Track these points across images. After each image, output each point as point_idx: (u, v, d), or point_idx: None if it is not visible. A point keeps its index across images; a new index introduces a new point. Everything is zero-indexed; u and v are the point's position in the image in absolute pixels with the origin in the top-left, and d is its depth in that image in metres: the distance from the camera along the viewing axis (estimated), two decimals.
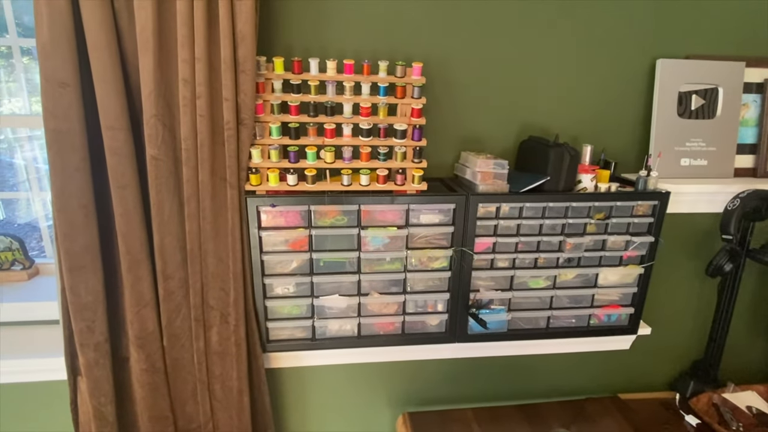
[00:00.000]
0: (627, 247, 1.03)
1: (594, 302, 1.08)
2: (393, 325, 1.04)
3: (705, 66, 1.07)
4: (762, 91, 1.12)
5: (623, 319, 1.11)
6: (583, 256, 1.03)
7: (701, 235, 1.15)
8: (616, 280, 1.07)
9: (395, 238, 0.96)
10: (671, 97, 1.06)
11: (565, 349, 1.15)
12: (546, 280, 1.05)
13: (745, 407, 1.12)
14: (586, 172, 0.99)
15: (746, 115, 1.13)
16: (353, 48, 0.95)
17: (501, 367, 1.19)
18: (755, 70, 1.10)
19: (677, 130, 1.08)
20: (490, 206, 0.96)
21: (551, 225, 0.99)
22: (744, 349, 1.26)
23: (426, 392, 1.19)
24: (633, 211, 1.01)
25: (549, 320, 1.08)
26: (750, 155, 1.14)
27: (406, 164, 0.92)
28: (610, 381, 1.24)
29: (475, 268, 1.00)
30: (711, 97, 1.09)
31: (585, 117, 1.07)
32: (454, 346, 1.07)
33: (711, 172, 1.10)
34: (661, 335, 1.19)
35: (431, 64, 0.97)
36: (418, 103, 0.91)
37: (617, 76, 1.05)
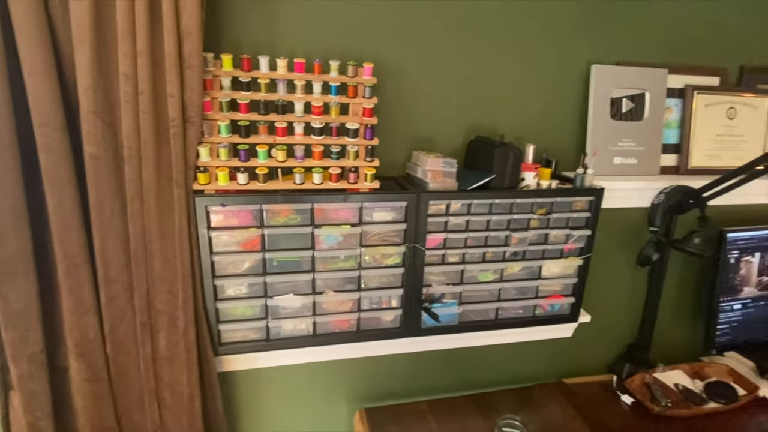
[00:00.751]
0: (567, 241, 1.10)
1: (539, 293, 1.14)
2: (348, 322, 1.05)
3: (633, 72, 1.16)
4: (682, 95, 1.23)
5: (565, 308, 1.18)
6: (527, 250, 1.08)
7: (632, 228, 1.25)
8: (558, 272, 1.14)
9: (349, 236, 0.98)
10: (604, 100, 1.15)
11: (513, 338, 1.21)
12: (494, 274, 1.09)
13: (673, 385, 1.23)
14: (529, 170, 1.05)
15: (670, 118, 1.24)
16: (304, 47, 0.95)
17: (454, 359, 1.22)
18: (676, 76, 1.21)
19: (610, 131, 1.16)
20: (440, 203, 0.99)
21: (498, 221, 1.04)
22: (671, 332, 1.38)
23: (382, 387, 1.20)
24: (572, 207, 1.08)
25: (498, 312, 1.13)
26: (674, 154, 1.25)
27: (359, 163, 0.94)
28: (555, 367, 1.31)
29: (427, 263, 1.03)
30: (639, 101, 1.18)
31: (528, 118, 1.13)
32: (409, 340, 1.10)
33: (640, 170, 1.20)
34: (600, 322, 1.28)
35: (382, 64, 0.99)
36: (369, 102, 0.93)
37: (557, 80, 1.12)
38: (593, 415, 1.12)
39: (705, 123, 1.24)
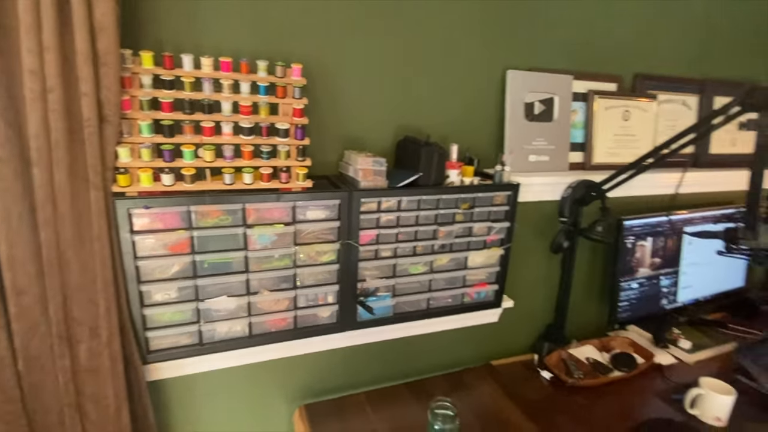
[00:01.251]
0: (489, 233, 1.19)
1: (466, 282, 1.22)
2: (285, 320, 1.06)
3: (543, 78, 1.27)
4: (586, 99, 1.37)
5: (490, 295, 1.28)
6: (454, 242, 1.16)
7: (546, 219, 1.37)
8: (482, 262, 1.23)
9: (283, 235, 0.98)
10: (519, 103, 1.25)
11: (444, 326, 1.29)
12: (424, 266, 1.16)
13: (585, 358, 1.38)
14: (453, 168, 1.12)
15: (576, 119, 1.38)
16: (231, 47, 0.94)
17: (389, 350, 1.27)
18: (580, 82, 1.35)
19: (525, 131, 1.27)
20: (372, 201, 1.03)
21: (426, 216, 1.10)
22: (582, 311, 1.54)
23: (321, 383, 1.22)
24: (492, 201, 1.17)
25: (429, 302, 1.20)
26: (580, 152, 1.40)
27: (291, 162, 0.95)
28: (483, 351, 1.41)
29: (361, 259, 1.07)
30: (549, 104, 1.30)
31: (452, 119, 1.20)
32: (346, 334, 1.13)
33: (552, 167, 1.33)
34: (521, 306, 1.40)
35: (312, 66, 1.01)
36: (299, 103, 0.94)
37: (477, 84, 1.20)
38: (517, 392, 1.22)
39: (605, 124, 1.40)
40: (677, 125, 1.53)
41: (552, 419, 1.12)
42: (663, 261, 1.50)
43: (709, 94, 1.54)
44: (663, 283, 1.52)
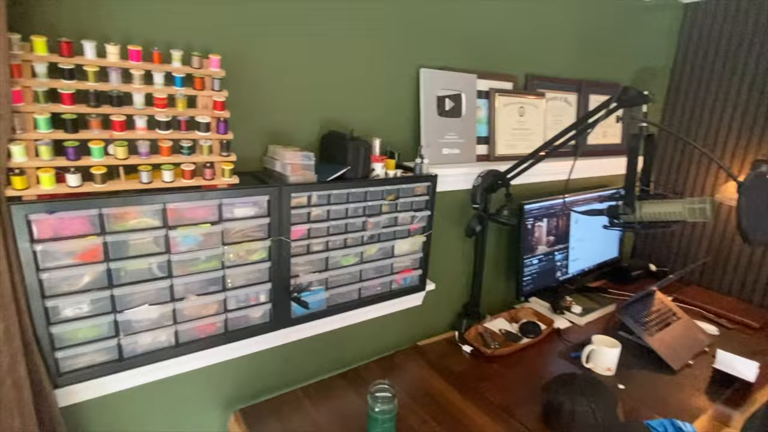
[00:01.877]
0: (412, 221, 1.27)
1: (393, 270, 1.28)
2: (215, 325, 1.01)
3: (452, 76, 1.38)
4: (488, 97, 1.52)
5: (415, 280, 1.35)
6: (381, 232, 1.21)
7: (460, 207, 1.49)
8: (408, 249, 1.29)
9: (209, 235, 0.94)
10: (432, 100, 1.34)
11: (375, 314, 1.33)
12: (355, 257, 1.19)
13: (498, 330, 1.53)
14: (377, 161, 1.16)
15: (480, 115, 1.51)
16: (142, 35, 0.87)
17: (325, 342, 1.29)
18: (483, 81, 1.49)
19: (438, 126, 1.37)
20: (302, 195, 1.03)
21: (355, 208, 1.14)
22: (494, 288, 1.70)
23: (257, 384, 1.19)
24: (414, 192, 1.24)
25: (360, 291, 1.23)
26: (485, 145, 1.54)
27: (214, 158, 0.91)
28: (410, 333, 1.48)
29: (293, 255, 1.07)
30: (457, 101, 1.41)
31: (373, 115, 1.24)
32: (280, 333, 1.12)
33: (462, 159, 1.44)
34: (442, 288, 1.50)
35: (232, 58, 0.97)
36: (220, 95, 0.91)
37: (395, 80, 1.26)
38: (444, 367, 1.32)
39: (504, 119, 1.56)
40: (562, 120, 1.75)
41: (476, 387, 1.23)
42: (556, 239, 1.72)
43: (585, 93, 1.79)
44: (557, 258, 1.74)
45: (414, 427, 1.07)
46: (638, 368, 1.36)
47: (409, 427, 1.07)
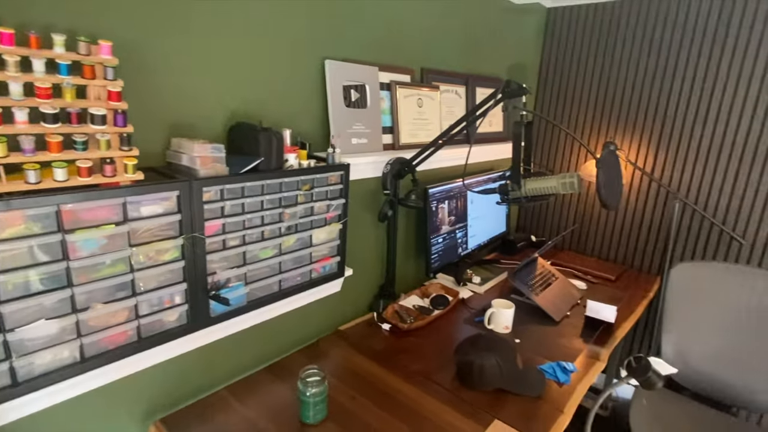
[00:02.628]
0: (328, 210, 1.30)
1: (312, 259, 1.30)
2: (126, 333, 0.94)
3: (356, 68, 1.43)
4: (389, 89, 1.60)
5: (334, 267, 1.39)
6: (298, 223, 1.22)
7: (372, 194, 1.56)
8: (325, 238, 1.33)
9: (114, 236, 0.87)
10: (338, 91, 1.38)
11: (297, 304, 1.35)
12: (273, 249, 1.19)
13: (412, 306, 1.64)
14: (290, 152, 1.17)
15: (384, 106, 1.59)
16: (12, 17, 0.76)
17: (246, 339, 1.27)
18: (384, 73, 1.56)
19: (346, 116, 1.41)
20: (214, 189, 1.00)
21: (270, 200, 1.13)
22: (406, 267, 1.82)
23: (179, 390, 1.13)
24: (328, 181, 1.28)
25: (281, 283, 1.24)
26: (389, 134, 1.62)
27: (114, 153, 0.84)
28: (332, 319, 1.52)
29: (209, 251, 1.03)
30: (362, 92, 1.47)
31: (281, 106, 1.24)
32: (199, 333, 1.08)
33: (370, 148, 1.51)
34: (359, 273, 1.57)
35: (127, 44, 0.90)
36: (114, 85, 0.84)
37: (302, 72, 1.27)
38: (366, 347, 1.39)
39: (405, 110, 1.66)
40: (454, 111, 1.92)
41: (397, 360, 1.33)
42: (456, 218, 1.90)
43: (472, 86, 1.98)
44: (458, 236, 1.92)
45: (344, 405, 1.12)
46: (529, 323, 1.58)
47: (340, 405, 1.12)
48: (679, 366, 1.78)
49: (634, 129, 2.14)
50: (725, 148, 1.91)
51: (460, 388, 1.21)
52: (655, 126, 2.08)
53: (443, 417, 1.09)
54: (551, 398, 1.18)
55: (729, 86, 1.87)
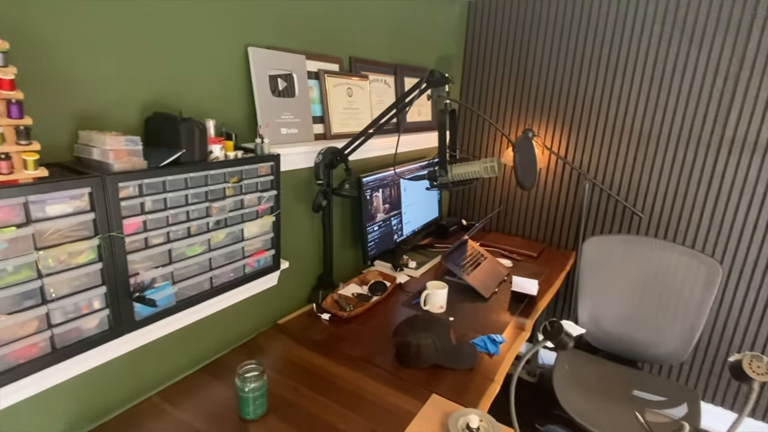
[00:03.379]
0: (260, 202, 1.27)
1: (245, 254, 1.27)
2: (37, 345, 0.86)
3: (282, 56, 1.40)
4: (318, 78, 1.59)
5: (269, 260, 1.37)
6: (228, 217, 1.18)
7: (305, 184, 1.55)
8: (257, 231, 1.30)
9: (16, 240, 0.79)
10: (264, 79, 1.34)
11: (231, 301, 1.31)
12: (202, 246, 1.14)
13: (351, 294, 1.66)
14: (215, 143, 1.13)
15: (313, 95, 1.58)
16: None
17: (180, 339, 1.21)
18: (312, 62, 1.55)
19: (273, 106, 1.38)
20: (131, 185, 0.94)
21: (196, 194, 1.08)
22: (343, 257, 1.83)
23: (105, 401, 1.06)
24: (258, 173, 1.25)
25: (212, 281, 1.19)
26: (320, 124, 1.61)
27: (10, 148, 0.76)
28: (270, 314, 1.50)
29: (130, 251, 0.97)
30: (290, 81, 1.44)
31: (204, 95, 1.18)
32: (124, 339, 1.01)
33: (301, 138, 1.49)
34: (296, 265, 1.55)
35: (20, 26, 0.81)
36: (6, 72, 0.75)
37: (226, 59, 1.22)
38: (306, 338, 1.39)
39: (335, 99, 1.66)
40: (383, 100, 1.95)
41: (337, 348, 1.34)
42: (391, 206, 1.94)
43: (401, 75, 2.02)
44: (393, 223, 1.96)
45: (285, 397, 1.12)
46: (462, 302, 1.67)
47: (281, 397, 1.12)
48: (592, 329, 1.98)
49: (548, 116, 2.31)
50: (625, 132, 2.13)
51: (399, 369, 1.26)
52: (567, 113, 2.26)
53: (384, 397, 1.13)
54: (483, 369, 1.27)
55: (627, 74, 2.08)
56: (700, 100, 1.95)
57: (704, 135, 1.97)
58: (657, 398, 1.69)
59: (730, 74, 1.87)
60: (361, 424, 1.03)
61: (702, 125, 1.96)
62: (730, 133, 1.91)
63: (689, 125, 1.99)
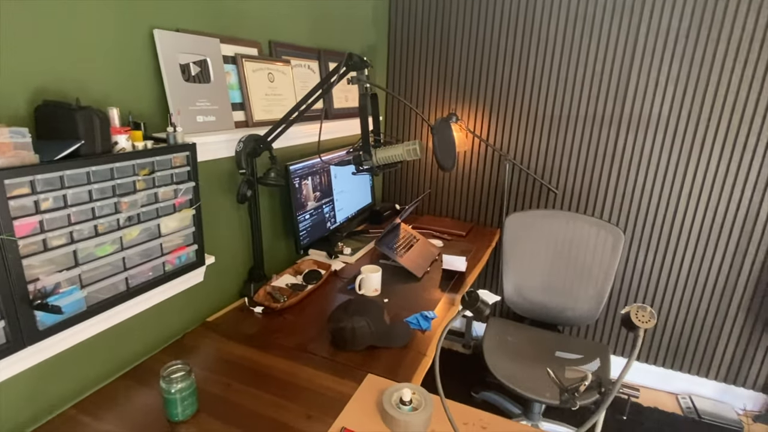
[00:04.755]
0: (176, 195, 1.20)
1: (164, 250, 1.20)
2: None
3: (193, 39, 1.32)
4: (235, 62, 1.52)
5: (192, 256, 1.30)
6: (141, 212, 1.11)
7: (228, 174, 1.49)
8: (176, 226, 1.23)
9: None
10: (174, 64, 1.26)
11: (153, 301, 1.23)
12: (113, 244, 1.06)
13: (285, 285, 1.64)
14: (121, 134, 1.05)
15: (231, 81, 1.51)
16: None
17: (96, 347, 1.12)
18: (227, 45, 1.47)
19: (186, 92, 1.30)
20: (21, 181, 0.85)
21: (101, 189, 1.00)
22: (275, 248, 1.79)
23: (11, 421, 0.96)
24: (172, 163, 1.18)
25: (128, 281, 1.12)
26: (241, 111, 1.55)
27: None
28: (198, 311, 1.44)
29: (25, 255, 0.88)
30: (204, 66, 1.37)
31: (107, 82, 1.09)
32: (27, 352, 0.92)
33: (220, 126, 1.42)
34: (224, 259, 1.50)
35: None
36: None
37: (128, 43, 1.12)
38: (239, 333, 1.35)
39: (256, 85, 1.60)
40: (308, 85, 1.91)
41: (272, 340, 1.32)
42: (322, 194, 1.92)
43: (325, 60, 1.99)
44: (325, 211, 1.95)
45: (218, 394, 1.09)
46: (396, 283, 1.71)
47: (213, 395, 1.08)
48: (517, 299, 2.12)
49: (471, 101, 2.41)
50: (539, 115, 2.28)
51: (335, 353, 1.27)
52: (487, 98, 2.37)
53: (320, 382, 1.14)
54: (416, 345, 1.31)
55: (538, 61, 2.22)
56: (601, 82, 2.13)
57: (606, 114, 2.16)
58: (575, 356, 1.86)
59: (626, 57, 2.06)
60: (297, 411, 1.03)
61: (604, 105, 2.15)
62: (627, 111, 2.12)
63: (593, 106, 2.17)
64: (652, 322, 0.72)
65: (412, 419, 0.96)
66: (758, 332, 2.14)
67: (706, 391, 2.30)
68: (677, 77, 2.00)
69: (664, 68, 2.01)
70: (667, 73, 2.01)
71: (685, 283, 2.21)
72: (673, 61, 1.99)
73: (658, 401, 2.28)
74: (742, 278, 2.11)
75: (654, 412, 2.19)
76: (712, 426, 2.11)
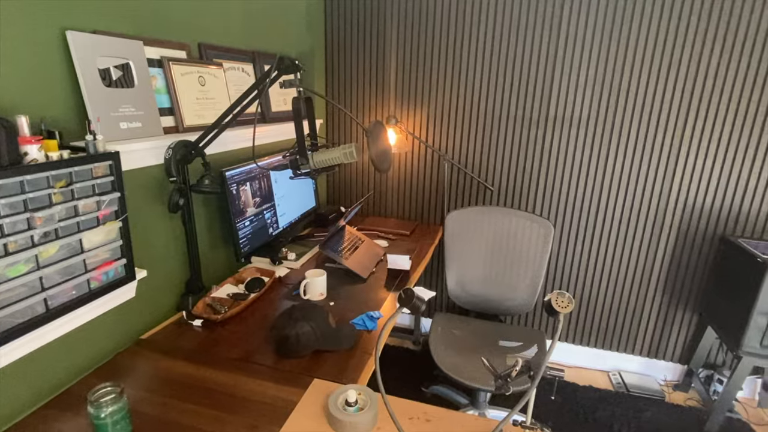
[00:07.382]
0: (99, 207, 1.13)
1: (87, 267, 1.12)
2: None
3: (112, 42, 1.24)
4: (161, 66, 1.45)
5: (120, 271, 1.23)
6: (59, 227, 1.03)
7: (158, 183, 1.42)
8: (101, 240, 1.16)
9: None
10: (92, 68, 1.18)
11: (78, 322, 1.15)
12: (27, 263, 0.98)
13: (227, 295, 1.59)
14: (31, 143, 0.97)
15: (158, 85, 1.44)
16: None
17: (11, 377, 1.02)
18: (152, 48, 1.40)
19: (107, 98, 1.23)
20: None
21: (10, 203, 0.92)
22: (214, 258, 1.73)
23: None
24: (93, 174, 1.10)
25: (47, 302, 1.04)
26: (171, 116, 1.48)
27: None
28: (131, 329, 1.36)
29: None
30: (127, 70, 1.30)
31: (12, 87, 1.00)
32: None
33: (146, 132, 1.35)
34: (157, 272, 1.42)
35: None
36: None
37: (37, 46, 1.03)
38: (177, 349, 1.29)
39: (185, 89, 1.54)
40: (242, 89, 1.87)
41: (213, 353, 1.28)
42: (262, 199, 1.88)
43: (260, 63, 1.95)
44: (267, 216, 1.91)
45: (153, 415, 1.04)
46: (343, 286, 1.72)
47: (150, 416, 1.03)
48: (460, 293, 2.20)
49: (409, 103, 2.46)
50: (473, 116, 2.38)
51: (280, 361, 1.25)
52: (425, 101, 2.44)
53: (264, 392, 1.12)
54: (363, 345, 1.33)
55: (470, 63, 2.31)
56: (528, 85, 2.26)
57: (534, 115, 2.30)
58: (516, 344, 1.96)
59: (548, 62, 2.21)
60: (240, 423, 1.01)
61: (531, 107, 2.29)
62: (552, 112, 2.27)
63: (522, 107, 2.30)
64: (571, 306, 0.78)
65: (357, 420, 0.97)
66: (673, 310, 2.37)
67: (632, 366, 2.52)
68: (594, 81, 2.17)
69: (582, 72, 2.17)
70: (585, 76, 2.18)
71: (610, 269, 2.41)
72: (589, 67, 2.16)
73: (592, 380, 2.46)
74: (656, 262, 2.33)
75: (588, 390, 2.36)
76: (638, 398, 2.31)
